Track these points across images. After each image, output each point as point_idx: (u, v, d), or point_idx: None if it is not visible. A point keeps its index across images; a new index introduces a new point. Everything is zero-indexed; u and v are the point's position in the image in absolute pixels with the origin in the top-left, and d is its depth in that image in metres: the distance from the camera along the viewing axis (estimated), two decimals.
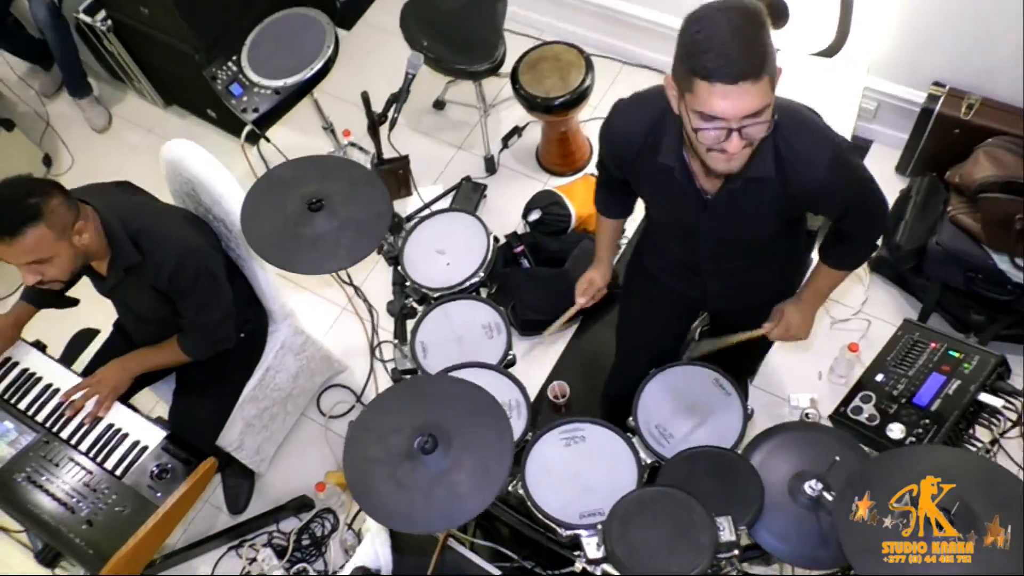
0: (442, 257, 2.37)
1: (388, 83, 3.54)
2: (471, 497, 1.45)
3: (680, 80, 1.40)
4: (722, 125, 1.37)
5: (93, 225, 1.96)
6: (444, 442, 1.50)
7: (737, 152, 1.42)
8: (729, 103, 1.34)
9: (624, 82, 3.46)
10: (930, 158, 2.88)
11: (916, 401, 1.99)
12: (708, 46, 1.32)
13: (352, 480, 1.49)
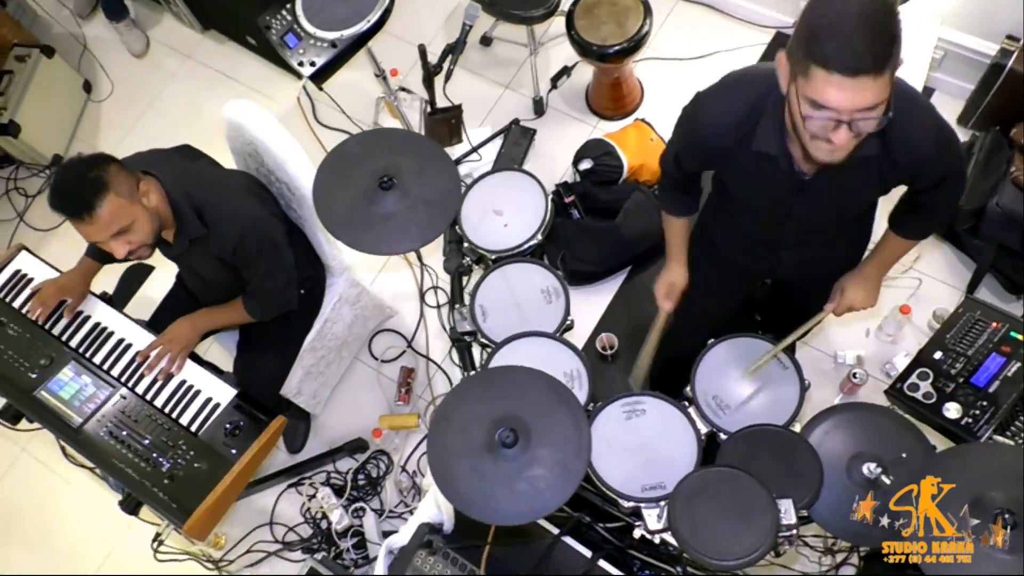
0: (499, 218, 2.37)
1: (433, 13, 3.47)
2: (551, 491, 1.52)
3: (795, 61, 1.34)
4: (832, 116, 1.33)
5: (157, 192, 1.98)
6: (524, 436, 1.55)
7: (843, 144, 1.37)
8: (844, 95, 1.29)
9: (679, 19, 3.34)
10: (995, 112, 2.80)
11: (974, 381, 2.02)
12: (833, 33, 1.26)
13: (436, 470, 1.55)
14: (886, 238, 1.89)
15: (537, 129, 3.17)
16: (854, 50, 1.24)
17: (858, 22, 1.25)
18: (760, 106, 1.54)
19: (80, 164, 1.87)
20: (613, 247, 2.90)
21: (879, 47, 1.25)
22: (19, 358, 2.26)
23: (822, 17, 1.27)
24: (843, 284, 1.96)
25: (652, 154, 2.97)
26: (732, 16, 3.29)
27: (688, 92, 3.14)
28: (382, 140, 1.99)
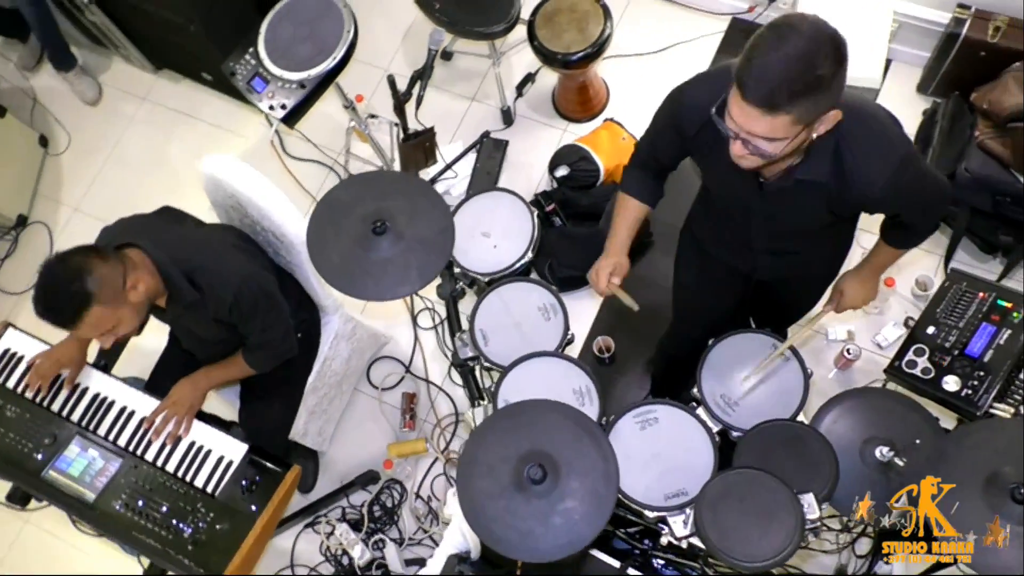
0: (488, 240, 2.39)
1: (391, 33, 3.45)
2: (586, 522, 1.54)
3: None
4: (731, 127, 1.43)
5: (146, 271, 1.94)
6: (552, 470, 1.57)
7: (742, 156, 1.47)
8: (737, 113, 1.39)
9: (635, 11, 3.35)
10: (953, 79, 2.86)
11: (969, 352, 2.08)
12: (753, 57, 1.33)
13: (471, 517, 1.57)
14: (878, 245, 1.95)
15: (509, 140, 3.18)
16: (758, 81, 1.32)
17: (774, 61, 1.31)
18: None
19: (62, 272, 1.80)
20: (598, 250, 2.89)
21: (780, 92, 1.32)
22: (22, 439, 2.22)
23: (757, 40, 1.34)
24: (842, 286, 2.01)
25: (626, 154, 2.95)
26: (687, 6, 3.32)
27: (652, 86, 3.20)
28: (368, 184, 1.98)
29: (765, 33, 1.35)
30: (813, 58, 1.31)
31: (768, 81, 1.31)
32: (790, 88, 1.31)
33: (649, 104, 3.21)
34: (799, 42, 1.31)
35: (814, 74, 1.31)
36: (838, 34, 1.35)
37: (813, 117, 1.39)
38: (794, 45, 1.31)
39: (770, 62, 1.31)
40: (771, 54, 1.31)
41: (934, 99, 2.96)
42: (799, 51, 1.30)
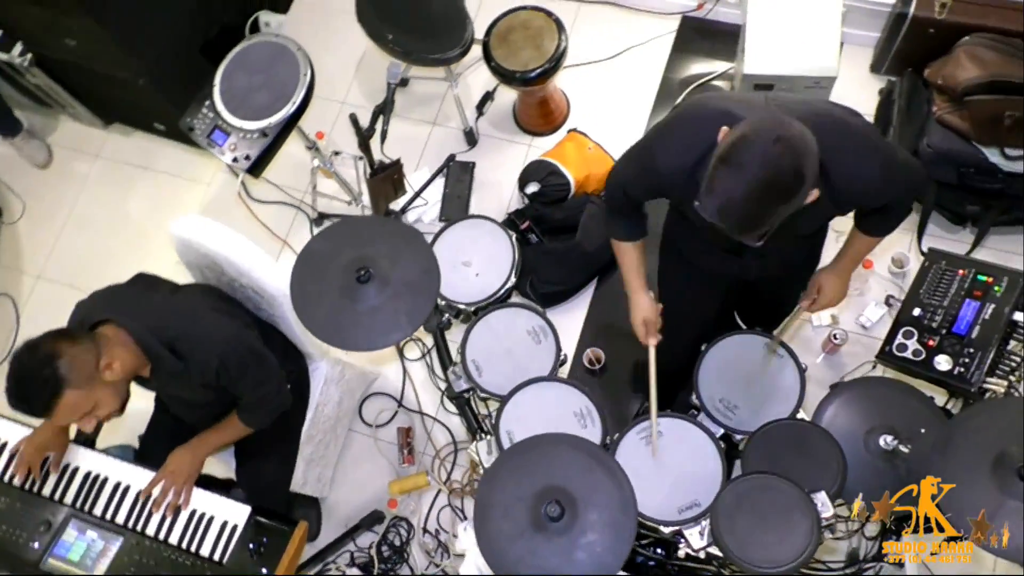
0: (469, 269, 2.37)
1: (343, 66, 3.41)
2: (608, 553, 1.54)
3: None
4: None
5: (122, 347, 1.89)
6: (569, 505, 1.56)
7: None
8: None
9: (584, 23, 3.35)
10: (906, 57, 2.90)
11: (956, 330, 2.12)
12: (715, 193, 1.39)
13: (492, 561, 1.55)
14: (853, 236, 1.96)
15: (475, 161, 3.16)
16: (737, 224, 1.42)
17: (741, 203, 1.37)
18: (709, 150, 1.55)
19: (30, 361, 1.76)
20: (578, 263, 2.92)
21: (760, 222, 1.40)
22: (15, 530, 2.15)
23: (718, 168, 1.39)
24: (820, 281, 2.02)
25: (594, 164, 2.99)
26: (636, 9, 3.33)
27: (611, 92, 3.20)
28: (345, 232, 1.96)
29: (722, 170, 1.38)
30: (775, 180, 1.35)
31: (747, 221, 1.39)
32: (769, 215, 1.38)
33: (610, 110, 3.25)
34: (757, 172, 1.34)
35: (785, 191, 1.37)
36: (789, 136, 1.36)
37: (799, 204, 1.42)
38: (753, 176, 1.34)
39: (738, 205, 1.36)
40: (736, 196, 1.36)
41: (888, 78, 3.01)
42: (761, 181, 1.34)
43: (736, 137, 1.37)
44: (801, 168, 1.36)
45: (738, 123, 1.43)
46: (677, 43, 3.28)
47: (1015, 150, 2.64)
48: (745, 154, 1.34)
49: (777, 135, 1.34)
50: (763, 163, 1.33)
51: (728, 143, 1.38)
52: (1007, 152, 2.66)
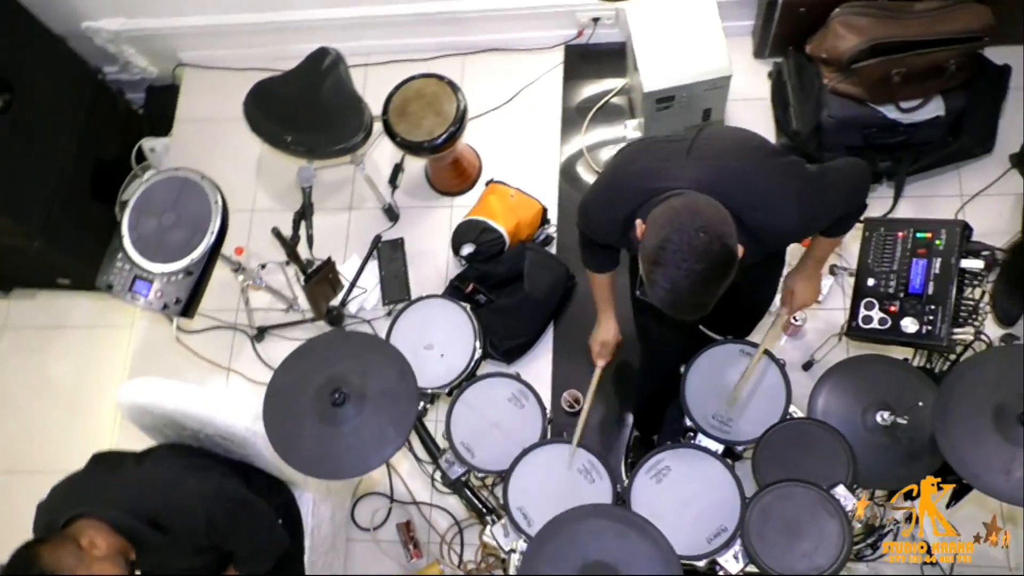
0: (433, 351, 2.31)
1: (243, 174, 3.31)
2: None
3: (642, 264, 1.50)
4: None
5: (102, 534, 1.77)
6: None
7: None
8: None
9: (473, 71, 3.35)
10: (785, 37, 3.00)
11: (912, 291, 2.18)
12: (657, 288, 1.44)
13: None
14: (816, 239, 1.99)
15: (403, 236, 3.10)
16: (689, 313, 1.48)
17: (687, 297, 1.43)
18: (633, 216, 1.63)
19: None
20: (532, 312, 2.89)
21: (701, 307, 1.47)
22: None
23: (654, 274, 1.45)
24: (791, 285, 2.06)
25: (521, 210, 2.98)
26: (518, 50, 3.35)
27: (516, 135, 3.20)
28: (305, 358, 1.87)
29: (658, 272, 1.42)
30: (712, 267, 1.41)
31: (697, 308, 1.45)
32: (714, 294, 1.45)
33: (520, 153, 3.25)
34: (693, 266, 1.39)
35: (723, 270, 1.43)
36: (706, 220, 1.42)
37: (736, 270, 1.47)
38: (690, 270, 1.39)
39: (686, 297, 1.42)
40: (682, 291, 1.42)
41: (774, 60, 3.11)
42: (699, 274, 1.40)
43: (660, 239, 1.42)
44: (728, 244, 1.43)
45: (653, 213, 1.50)
46: (567, 72, 3.31)
47: (909, 102, 2.76)
48: (675, 254, 1.39)
49: (696, 226, 1.40)
50: (696, 257, 1.39)
51: (655, 245, 1.42)
52: (902, 106, 2.77)
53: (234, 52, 3.44)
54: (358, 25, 3.26)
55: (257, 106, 2.65)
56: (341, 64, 2.71)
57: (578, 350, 2.94)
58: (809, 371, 2.77)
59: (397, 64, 3.35)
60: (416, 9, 3.18)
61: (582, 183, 3.17)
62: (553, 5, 3.14)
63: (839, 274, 2.84)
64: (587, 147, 3.21)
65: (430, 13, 3.18)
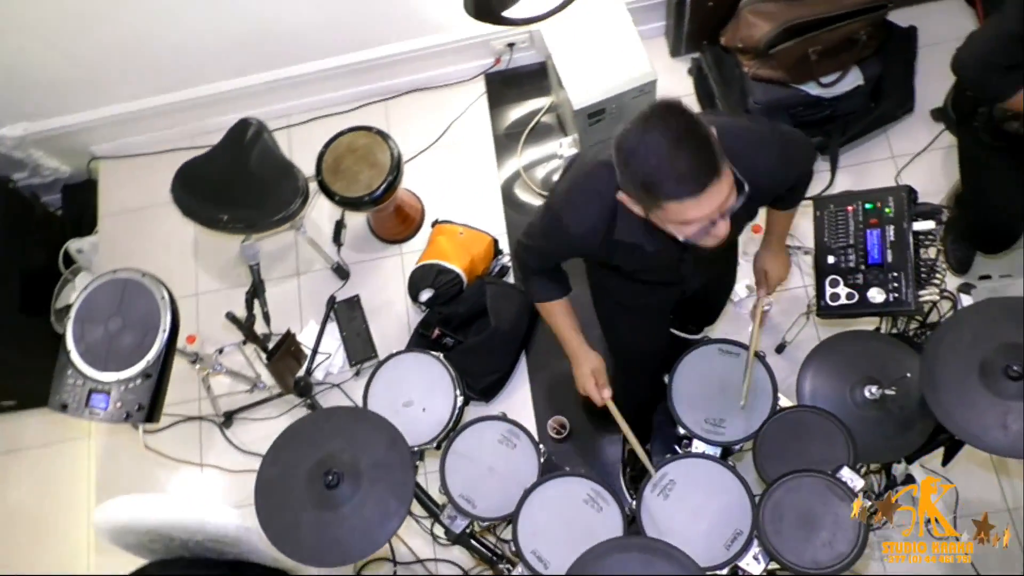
0: (413, 408, 2.26)
1: (182, 259, 3.20)
2: None
3: (641, 200, 1.42)
4: (703, 224, 1.41)
5: None
6: None
7: (725, 231, 1.46)
8: (704, 208, 1.37)
9: (397, 115, 3.32)
10: (698, 33, 3.05)
11: (872, 262, 2.20)
12: (663, 174, 1.34)
13: None
14: (772, 216, 2.01)
15: (358, 293, 3.04)
16: (690, 175, 1.33)
17: (677, 151, 1.32)
18: (611, 201, 1.57)
19: None
20: (502, 346, 2.86)
21: (704, 158, 1.34)
22: None
23: (644, 163, 1.35)
24: (762, 266, 2.06)
25: (472, 246, 2.95)
26: (440, 86, 3.33)
27: (452, 171, 3.19)
28: (287, 446, 1.79)
29: (636, 158, 1.35)
30: (685, 122, 1.34)
31: (692, 164, 1.32)
32: (704, 148, 1.34)
33: (460, 188, 3.22)
34: (665, 129, 1.33)
35: (697, 124, 1.35)
36: (670, 101, 1.38)
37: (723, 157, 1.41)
38: (666, 133, 1.33)
39: (673, 157, 1.32)
40: (664, 153, 1.32)
41: (691, 57, 3.15)
42: (675, 130, 1.32)
43: (629, 131, 1.37)
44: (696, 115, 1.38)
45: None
46: (491, 100, 3.30)
47: (828, 77, 2.83)
48: (639, 132, 1.34)
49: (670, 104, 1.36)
50: (668, 116, 1.34)
51: (623, 145, 1.37)
52: (822, 81, 2.84)
53: (149, 137, 3.34)
54: (273, 89, 3.20)
55: (186, 189, 2.57)
56: (265, 132, 2.64)
57: (554, 375, 2.93)
58: (783, 353, 2.80)
59: (320, 120, 3.30)
60: (329, 64, 3.13)
61: (526, 207, 3.16)
62: (467, 38, 3.13)
63: (793, 253, 2.87)
64: (524, 168, 3.21)
65: (345, 66, 3.14)
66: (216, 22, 2.84)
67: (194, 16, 2.78)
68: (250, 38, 2.94)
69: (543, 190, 3.16)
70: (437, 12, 2.99)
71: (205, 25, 2.84)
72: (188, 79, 3.13)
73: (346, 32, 3.03)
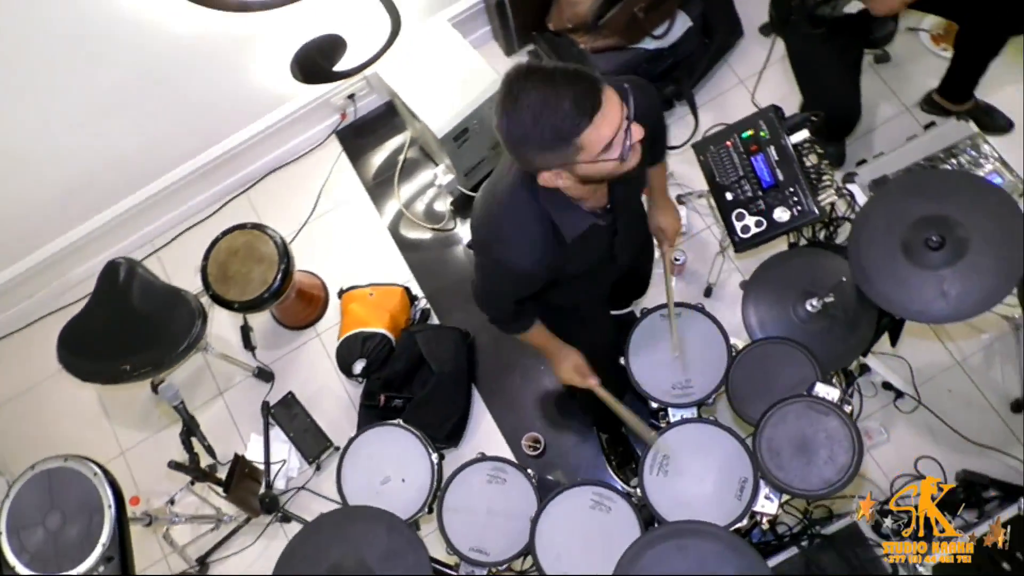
0: (392, 482, 2.19)
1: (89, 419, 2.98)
2: None
3: (556, 159, 1.41)
4: (619, 135, 1.41)
5: None
6: None
7: (640, 135, 1.46)
8: (612, 118, 1.38)
9: (264, 201, 3.21)
10: (524, 26, 3.08)
11: (767, 185, 2.28)
12: (562, 115, 1.33)
13: None
14: (649, 174, 2.01)
15: (290, 391, 2.91)
16: (583, 96, 1.33)
17: (556, 91, 1.33)
18: (543, 211, 1.56)
19: None
20: (451, 388, 2.80)
21: (579, 76, 1.34)
22: None
23: (543, 121, 1.34)
24: (657, 224, 2.06)
25: (386, 301, 2.89)
26: (296, 158, 3.24)
27: (341, 235, 3.08)
28: (288, 570, 1.69)
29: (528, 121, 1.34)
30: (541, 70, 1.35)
31: (578, 85, 1.33)
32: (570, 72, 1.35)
33: (351, 251, 3.14)
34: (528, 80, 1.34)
35: (549, 63, 1.36)
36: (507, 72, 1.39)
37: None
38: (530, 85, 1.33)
39: (561, 90, 1.32)
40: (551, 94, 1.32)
41: (526, 50, 3.18)
42: (539, 80, 1.33)
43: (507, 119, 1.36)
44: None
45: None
46: (351, 155, 3.24)
47: (659, 29, 2.90)
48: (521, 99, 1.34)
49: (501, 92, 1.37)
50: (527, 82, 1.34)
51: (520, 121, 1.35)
52: (656, 34, 2.92)
53: (10, 314, 3.10)
54: (124, 220, 3.04)
55: (75, 352, 2.39)
56: (137, 267, 2.50)
57: (509, 394, 2.90)
58: (712, 296, 2.86)
59: (188, 233, 3.16)
60: (175, 176, 3.01)
61: (422, 244, 3.12)
62: (305, 104, 3.06)
63: (687, 201, 2.94)
64: (406, 207, 3.16)
65: (191, 172, 3.01)
66: (37, 178, 2.68)
67: (17, 180, 2.61)
68: (77, 182, 2.78)
69: (431, 223, 3.12)
70: (268, 89, 2.91)
71: (26, 185, 2.68)
72: (30, 243, 2.93)
73: (179, 142, 2.93)
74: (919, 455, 2.60)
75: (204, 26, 2.42)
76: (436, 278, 3.05)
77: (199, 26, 2.41)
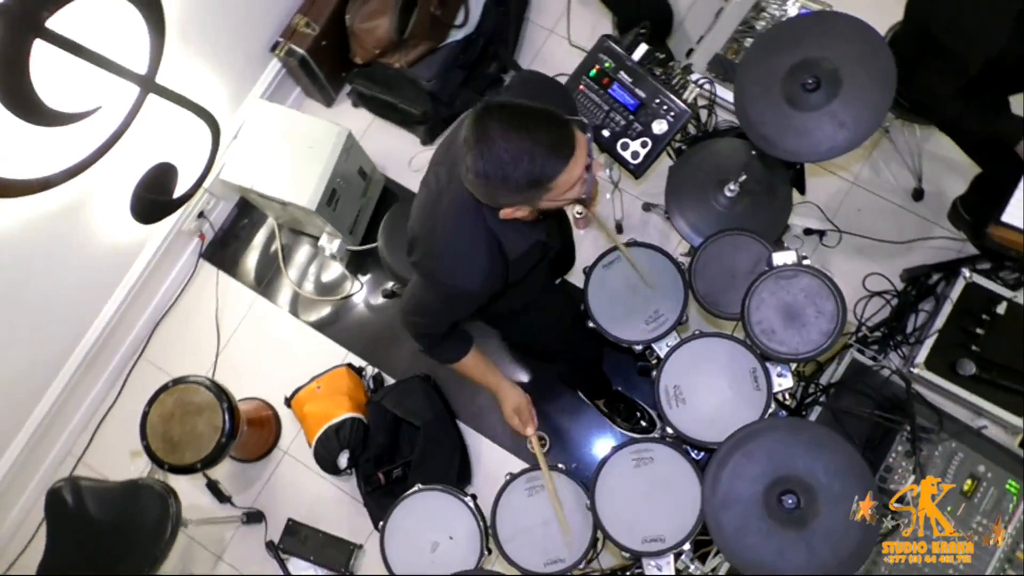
0: (441, 543, 2.11)
1: None
2: None
3: (535, 198, 1.43)
4: (585, 173, 1.45)
5: None
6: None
7: (600, 168, 1.52)
8: (580, 160, 1.43)
9: (165, 354, 3.02)
10: (335, 71, 3.03)
11: (633, 108, 2.32)
12: (539, 163, 1.36)
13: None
14: None
15: (287, 517, 2.75)
16: (559, 142, 1.38)
17: (533, 136, 1.35)
18: (489, 232, 1.55)
19: None
20: (440, 436, 2.74)
21: (552, 121, 1.38)
22: None
23: (521, 167, 1.36)
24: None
25: (336, 385, 2.80)
26: (177, 297, 3.08)
27: (253, 351, 2.96)
28: None
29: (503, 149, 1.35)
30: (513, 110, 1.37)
31: (550, 134, 1.36)
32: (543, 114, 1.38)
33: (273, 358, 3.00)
34: (500, 122, 1.35)
35: (522, 104, 1.39)
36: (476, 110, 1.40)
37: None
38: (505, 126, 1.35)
39: (533, 138, 1.34)
40: (524, 139, 1.34)
41: (347, 93, 3.13)
42: (512, 122, 1.35)
43: (480, 157, 1.36)
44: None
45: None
46: (227, 268, 3.11)
47: (458, 17, 2.92)
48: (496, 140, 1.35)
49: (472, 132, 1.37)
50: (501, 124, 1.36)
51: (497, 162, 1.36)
52: (457, 23, 2.93)
53: None
54: (34, 446, 2.78)
55: None
56: (80, 481, 2.29)
57: (493, 413, 2.85)
58: (624, 231, 2.91)
59: (104, 424, 2.92)
60: (63, 380, 2.79)
61: (338, 316, 3.02)
62: (160, 242, 2.90)
63: None
64: (301, 288, 3.06)
65: (77, 368, 2.80)
66: None
67: None
68: None
69: (335, 295, 3.04)
70: (117, 246, 2.74)
71: None
72: None
73: (52, 343, 2.71)
74: (863, 275, 2.76)
75: (19, 216, 2.23)
76: (367, 340, 2.97)
77: (14, 218, 2.23)
